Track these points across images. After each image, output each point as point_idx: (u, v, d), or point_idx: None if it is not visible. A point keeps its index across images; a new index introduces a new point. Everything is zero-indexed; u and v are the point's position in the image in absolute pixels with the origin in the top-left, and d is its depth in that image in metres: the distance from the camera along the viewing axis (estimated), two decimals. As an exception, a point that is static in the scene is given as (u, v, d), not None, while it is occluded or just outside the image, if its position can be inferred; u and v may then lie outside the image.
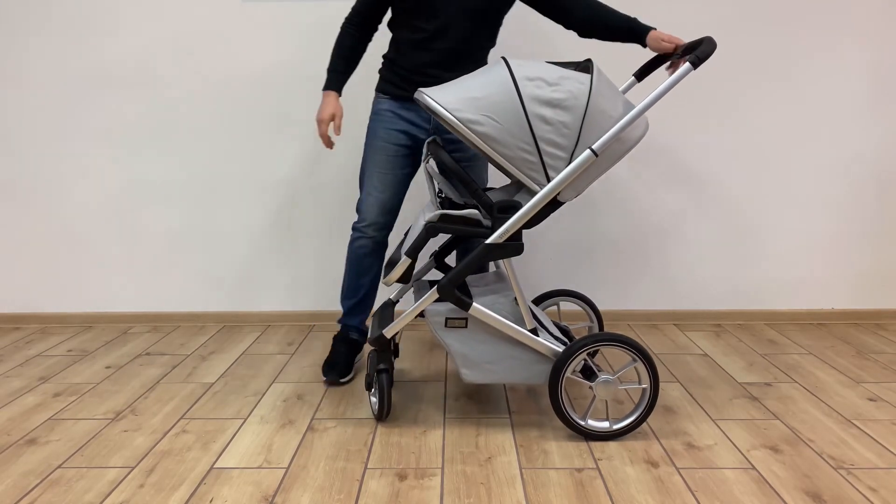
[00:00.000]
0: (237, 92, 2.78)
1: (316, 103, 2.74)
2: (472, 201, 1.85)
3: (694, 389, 2.20)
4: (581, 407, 2.02)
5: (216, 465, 1.74)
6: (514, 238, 1.79)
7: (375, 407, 1.97)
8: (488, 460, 1.75)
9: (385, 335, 1.91)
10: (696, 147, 2.80)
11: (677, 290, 2.92)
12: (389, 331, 1.91)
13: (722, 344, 2.64)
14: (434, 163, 2.08)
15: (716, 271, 2.90)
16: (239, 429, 1.95)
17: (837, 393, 2.17)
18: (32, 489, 1.65)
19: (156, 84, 2.78)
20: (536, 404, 2.09)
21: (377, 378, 1.93)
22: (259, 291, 2.94)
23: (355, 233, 2.23)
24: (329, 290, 2.92)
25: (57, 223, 2.90)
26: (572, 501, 1.57)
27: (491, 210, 1.75)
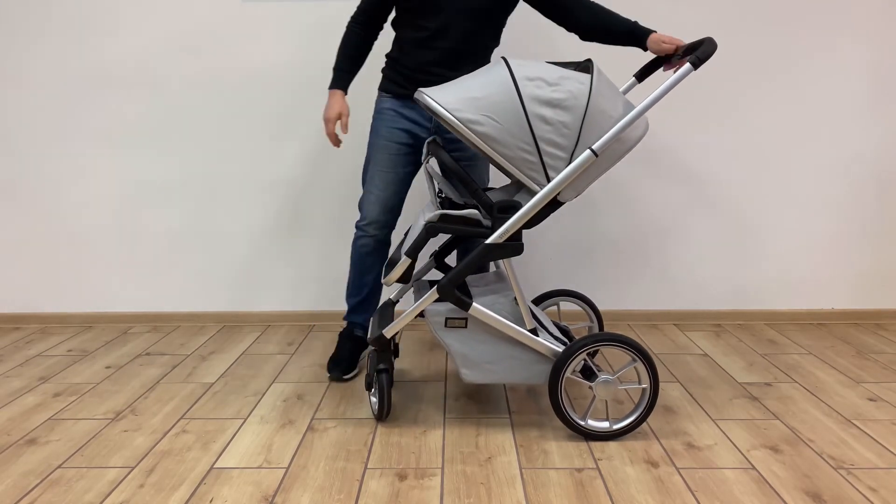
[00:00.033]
0: (237, 92, 2.78)
1: (316, 103, 2.76)
2: (472, 201, 1.85)
3: (694, 389, 2.20)
4: (581, 407, 2.02)
5: (216, 465, 1.74)
6: (514, 238, 1.79)
7: (375, 407, 1.97)
8: (488, 460, 1.75)
9: (385, 335, 1.91)
10: (696, 147, 2.80)
11: (677, 290, 2.92)
12: (389, 331, 1.91)
13: (722, 344, 2.64)
14: (434, 162, 2.08)
15: (716, 271, 2.90)
16: (239, 429, 1.95)
17: (837, 393, 2.17)
18: (32, 489, 1.65)
19: (156, 84, 2.79)
20: (536, 404, 2.09)
21: (377, 378, 1.93)
22: (259, 291, 2.94)
23: (357, 231, 2.24)
24: (329, 290, 2.92)
25: (57, 223, 2.90)
26: (572, 501, 1.57)
27: (491, 210, 1.75)
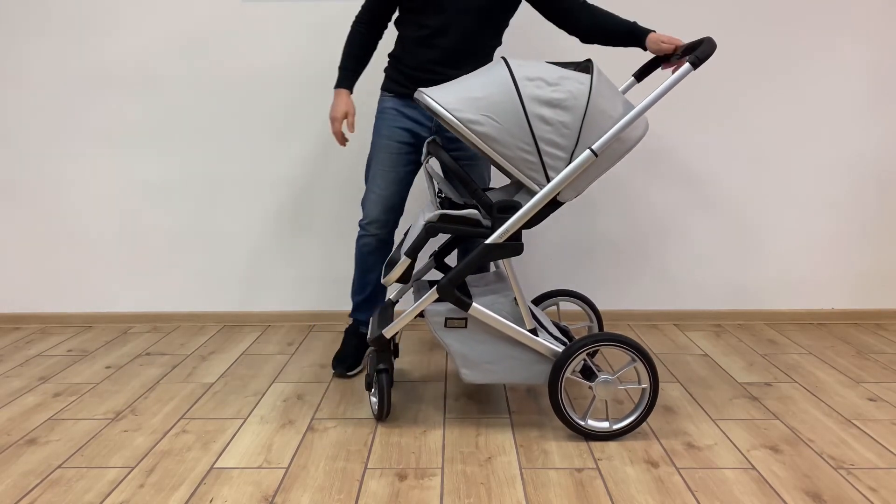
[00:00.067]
0: (237, 91, 2.78)
1: (316, 103, 2.76)
2: (472, 201, 1.85)
3: (694, 389, 2.20)
4: (581, 407, 2.02)
5: (216, 465, 1.74)
6: (514, 238, 1.79)
7: (375, 407, 1.97)
8: (488, 460, 1.75)
9: (385, 335, 1.91)
10: (696, 147, 2.80)
11: (677, 290, 2.92)
12: (389, 331, 1.91)
13: (722, 344, 2.64)
14: (434, 162, 2.08)
15: (716, 271, 2.90)
16: (239, 429, 1.95)
17: (837, 393, 2.17)
18: (32, 489, 1.65)
19: (156, 84, 2.79)
20: (536, 404, 2.09)
21: (377, 378, 1.93)
22: (259, 291, 2.94)
23: (360, 230, 2.25)
24: (329, 290, 2.92)
25: (57, 223, 2.90)
26: (572, 501, 1.57)
27: (490, 210, 1.75)
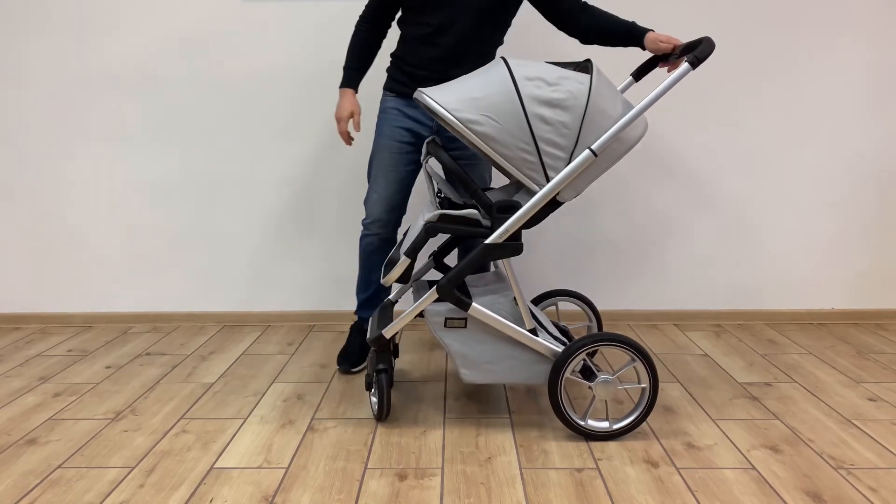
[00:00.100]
0: (237, 91, 2.78)
1: (316, 103, 2.76)
2: (472, 201, 1.85)
3: (694, 389, 2.20)
4: (581, 407, 2.02)
5: (216, 465, 1.74)
6: (514, 238, 1.79)
7: (375, 407, 1.97)
8: (488, 460, 1.75)
9: (384, 335, 1.91)
10: (697, 147, 2.80)
11: (677, 290, 2.91)
12: (389, 331, 1.91)
13: (722, 344, 2.64)
14: (434, 162, 2.08)
15: (716, 271, 2.89)
16: (239, 429, 1.95)
17: (837, 393, 2.17)
18: (32, 489, 1.65)
19: (156, 84, 2.79)
20: (536, 404, 2.09)
21: (376, 378, 1.93)
22: (259, 291, 2.94)
23: (363, 230, 2.26)
24: (330, 290, 2.92)
25: (57, 223, 2.90)
26: (572, 501, 1.57)
27: (490, 210, 1.75)
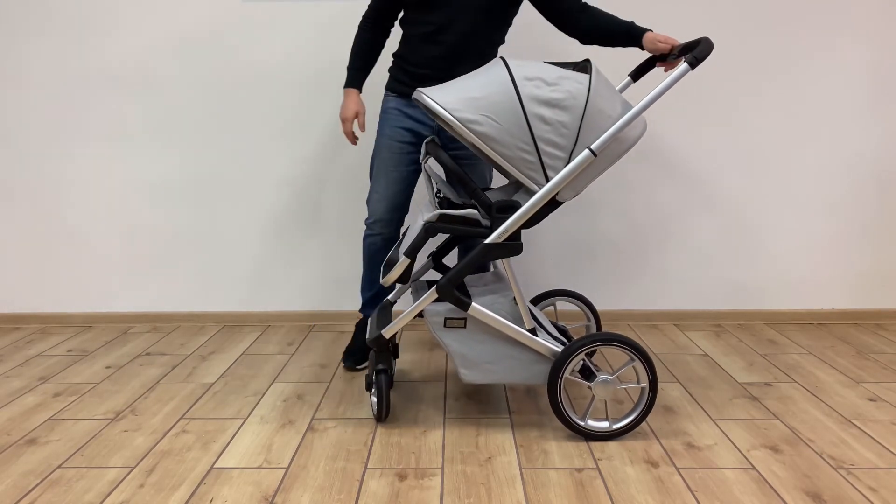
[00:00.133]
0: (237, 91, 2.78)
1: (316, 103, 2.76)
2: (471, 201, 1.85)
3: (694, 389, 2.20)
4: (580, 407, 2.02)
5: (216, 465, 1.74)
6: (513, 238, 1.79)
7: (375, 407, 1.97)
8: (488, 460, 1.75)
9: (384, 335, 1.91)
10: (697, 147, 2.80)
11: (677, 290, 2.91)
12: (388, 331, 1.91)
13: (722, 344, 2.64)
14: (433, 162, 2.08)
15: (716, 271, 2.89)
16: (239, 429, 1.95)
17: (837, 393, 2.17)
18: (32, 489, 1.65)
19: (156, 84, 2.79)
20: (536, 404, 2.09)
21: (376, 378, 1.93)
22: (259, 291, 2.94)
23: (366, 230, 2.27)
24: (330, 291, 2.92)
25: (57, 223, 2.90)
26: (572, 501, 1.57)
27: (490, 210, 1.75)
